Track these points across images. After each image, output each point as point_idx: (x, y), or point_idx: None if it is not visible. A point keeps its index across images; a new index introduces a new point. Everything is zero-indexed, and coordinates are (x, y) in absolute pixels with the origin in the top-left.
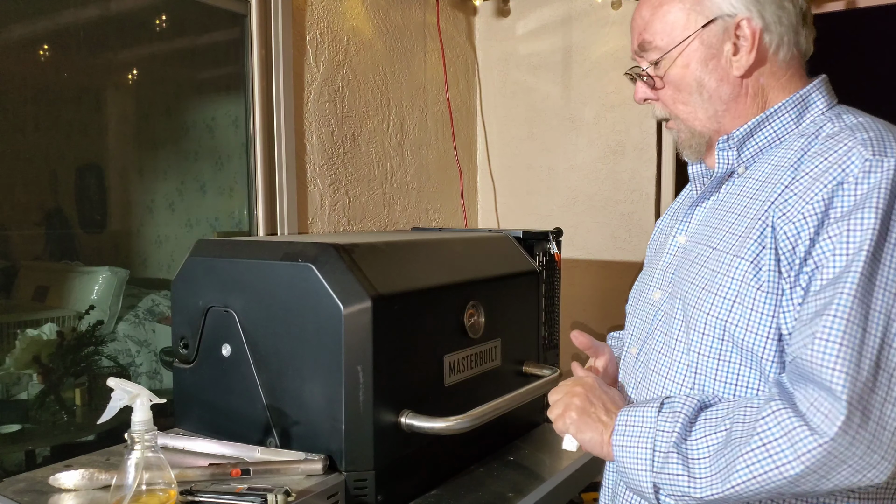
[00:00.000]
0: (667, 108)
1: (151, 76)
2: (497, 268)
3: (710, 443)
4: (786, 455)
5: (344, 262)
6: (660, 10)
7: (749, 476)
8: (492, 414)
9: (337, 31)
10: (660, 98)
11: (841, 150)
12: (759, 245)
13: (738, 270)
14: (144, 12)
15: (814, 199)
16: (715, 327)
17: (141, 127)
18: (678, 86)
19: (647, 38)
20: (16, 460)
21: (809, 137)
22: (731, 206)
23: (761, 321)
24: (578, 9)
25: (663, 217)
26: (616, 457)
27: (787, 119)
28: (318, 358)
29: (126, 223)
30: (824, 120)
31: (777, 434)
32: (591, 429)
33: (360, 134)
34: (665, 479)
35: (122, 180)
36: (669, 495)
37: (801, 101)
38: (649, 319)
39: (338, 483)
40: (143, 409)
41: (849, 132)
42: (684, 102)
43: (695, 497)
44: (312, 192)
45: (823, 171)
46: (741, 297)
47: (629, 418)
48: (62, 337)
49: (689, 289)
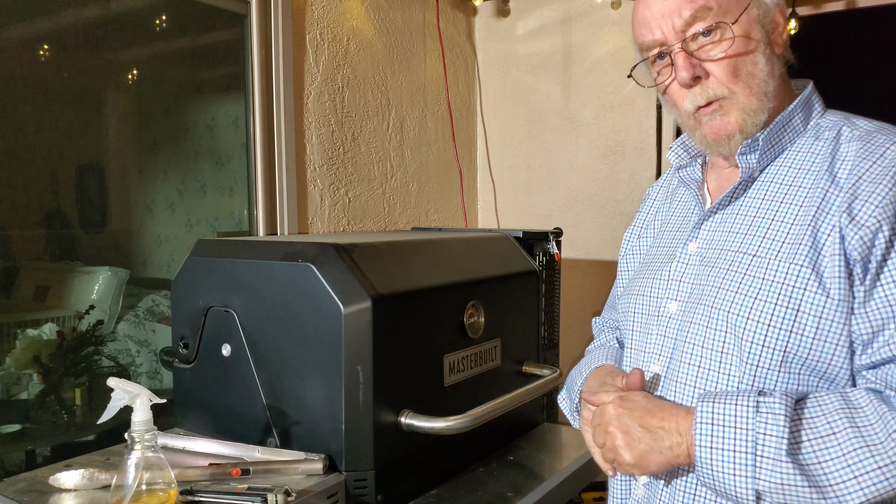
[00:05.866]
0: (721, 86)
1: (151, 76)
2: (497, 268)
3: (824, 449)
4: None
5: (344, 262)
6: None
7: (888, 486)
8: (492, 414)
9: (337, 31)
10: (712, 74)
11: (891, 154)
12: (814, 251)
13: (798, 278)
14: (144, 12)
15: (882, 202)
16: (777, 339)
17: (141, 127)
18: (743, 55)
19: (704, 4)
20: (16, 460)
21: (828, 141)
22: (758, 210)
23: (831, 329)
24: (578, 9)
25: (632, 227)
26: (702, 459)
27: (797, 121)
28: (317, 358)
29: (126, 223)
30: (834, 123)
31: None
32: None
33: (360, 134)
34: (775, 487)
35: (122, 180)
36: (778, 503)
37: (807, 102)
38: (670, 334)
39: (338, 483)
40: (143, 409)
41: (883, 135)
42: (748, 75)
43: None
44: (312, 192)
45: (882, 175)
46: (805, 307)
47: (716, 416)
48: (62, 337)
49: (735, 298)
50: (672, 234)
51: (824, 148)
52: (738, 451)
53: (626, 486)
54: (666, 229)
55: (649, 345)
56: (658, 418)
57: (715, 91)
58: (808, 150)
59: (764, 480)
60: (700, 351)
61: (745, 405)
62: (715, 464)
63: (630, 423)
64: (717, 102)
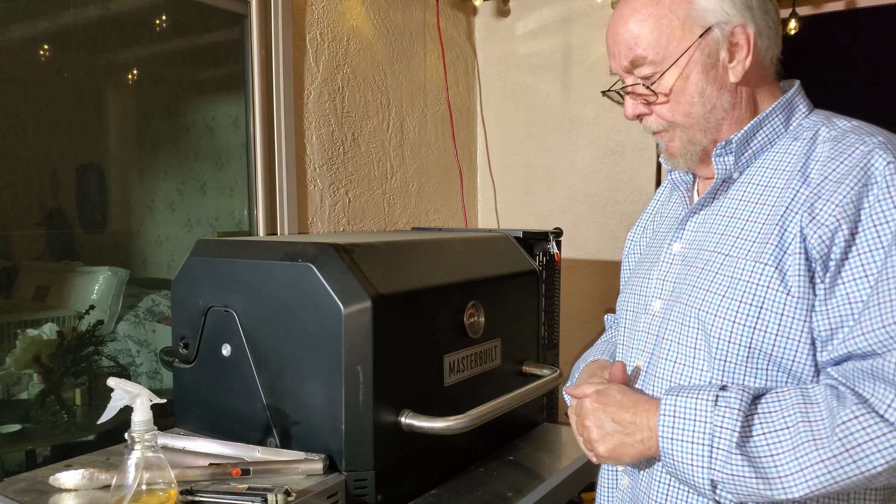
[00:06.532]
0: (663, 120)
1: (151, 76)
2: (497, 268)
3: (776, 443)
4: (872, 459)
5: (344, 262)
6: (650, 23)
7: (830, 479)
8: (492, 414)
9: (337, 31)
10: (654, 112)
11: (858, 153)
12: (780, 250)
13: (762, 277)
14: (144, 12)
15: (842, 201)
16: (741, 335)
17: (141, 127)
18: (678, 98)
19: (640, 54)
20: (16, 460)
21: (805, 141)
22: (735, 211)
23: (793, 326)
24: (578, 9)
25: (637, 227)
26: (664, 449)
27: (777, 123)
28: (318, 358)
29: (126, 223)
30: (814, 124)
31: (862, 438)
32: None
33: (360, 134)
34: (727, 478)
35: (122, 180)
36: (731, 492)
37: (787, 105)
38: (654, 330)
39: (338, 483)
40: (143, 409)
41: (855, 136)
42: (685, 114)
43: (765, 496)
44: (312, 192)
45: (846, 174)
46: (768, 304)
47: (677, 409)
48: (62, 337)
49: (705, 296)
50: (662, 235)
51: (801, 149)
52: (696, 442)
53: (612, 475)
54: (658, 230)
55: (635, 341)
56: (630, 413)
57: (657, 126)
58: (785, 151)
59: (718, 471)
60: (676, 347)
61: (704, 399)
62: (675, 454)
63: (604, 417)
64: (663, 131)
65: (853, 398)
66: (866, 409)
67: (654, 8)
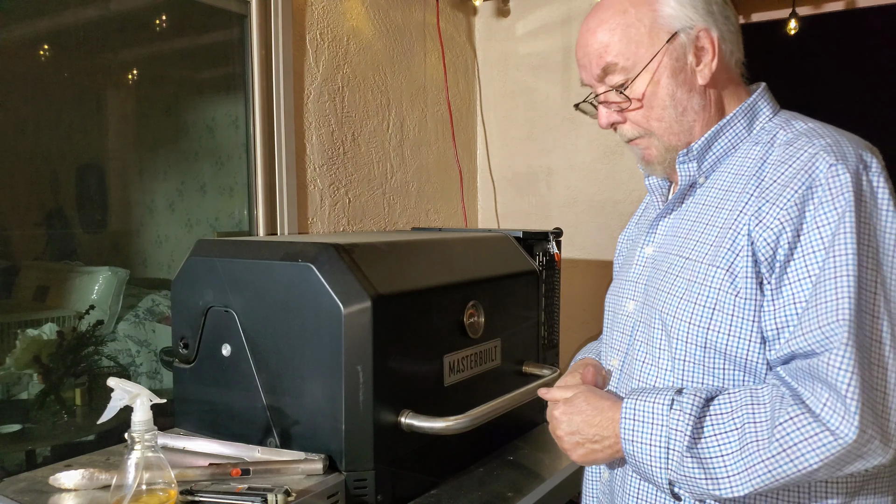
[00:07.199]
0: (638, 127)
1: (151, 76)
2: (497, 268)
3: (725, 444)
4: (807, 458)
5: (344, 262)
6: (619, 32)
7: (771, 478)
8: (491, 414)
9: (337, 31)
10: (628, 119)
11: (804, 157)
12: (732, 253)
13: (714, 279)
14: (144, 12)
15: (787, 204)
16: (697, 335)
17: (141, 127)
18: (650, 103)
19: (611, 61)
20: (16, 460)
21: (764, 145)
22: (697, 216)
23: (742, 326)
24: (578, 9)
25: (627, 230)
26: (626, 451)
27: (739, 127)
28: (318, 358)
29: (126, 223)
30: (775, 127)
31: (797, 438)
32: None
33: (360, 134)
34: (681, 478)
35: (122, 180)
36: (687, 491)
37: (750, 109)
38: (627, 331)
39: (338, 483)
40: (143, 409)
41: (805, 139)
42: (658, 119)
43: (714, 495)
44: (312, 192)
45: (791, 178)
46: (720, 305)
47: (637, 412)
48: (62, 337)
49: (666, 299)
50: (637, 238)
51: (759, 153)
52: (654, 444)
53: (597, 467)
54: (638, 234)
55: (612, 341)
56: (596, 422)
57: (632, 133)
58: (746, 156)
59: (673, 471)
60: (644, 348)
61: (661, 403)
62: (637, 455)
63: (573, 428)
64: (638, 139)
65: (791, 398)
66: (802, 409)
67: (622, 17)
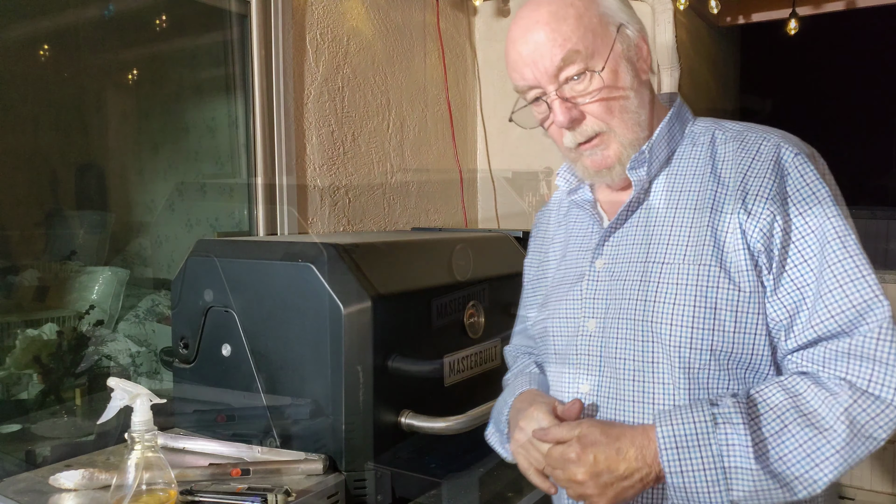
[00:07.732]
0: (599, 122)
1: (151, 76)
2: (497, 268)
3: (783, 444)
4: (877, 436)
5: (344, 262)
6: (572, 21)
7: (846, 465)
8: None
9: (337, 31)
10: (587, 114)
11: (768, 149)
12: (718, 250)
13: (709, 278)
14: (144, 12)
15: (770, 195)
16: (702, 339)
17: (141, 127)
18: (612, 92)
19: (572, 48)
20: (16, 460)
21: (704, 146)
22: (655, 220)
23: (748, 320)
24: None
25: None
26: (675, 484)
27: (675, 130)
28: (318, 358)
29: (126, 223)
30: (705, 129)
31: (865, 418)
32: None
33: (360, 134)
34: (749, 495)
35: (122, 180)
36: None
37: (679, 112)
38: (594, 352)
39: (337, 483)
40: (143, 409)
41: (754, 134)
42: (622, 109)
43: (788, 498)
44: (312, 193)
45: (763, 170)
46: (722, 303)
47: (678, 439)
48: (62, 337)
49: (653, 307)
50: (576, 254)
51: (703, 152)
52: (708, 468)
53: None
54: (569, 251)
55: (574, 365)
56: (625, 460)
57: (593, 128)
58: (688, 157)
59: (737, 490)
60: (633, 364)
61: (702, 421)
62: (688, 486)
63: (598, 468)
64: (597, 137)
65: (836, 381)
66: (855, 389)
67: (571, 8)
